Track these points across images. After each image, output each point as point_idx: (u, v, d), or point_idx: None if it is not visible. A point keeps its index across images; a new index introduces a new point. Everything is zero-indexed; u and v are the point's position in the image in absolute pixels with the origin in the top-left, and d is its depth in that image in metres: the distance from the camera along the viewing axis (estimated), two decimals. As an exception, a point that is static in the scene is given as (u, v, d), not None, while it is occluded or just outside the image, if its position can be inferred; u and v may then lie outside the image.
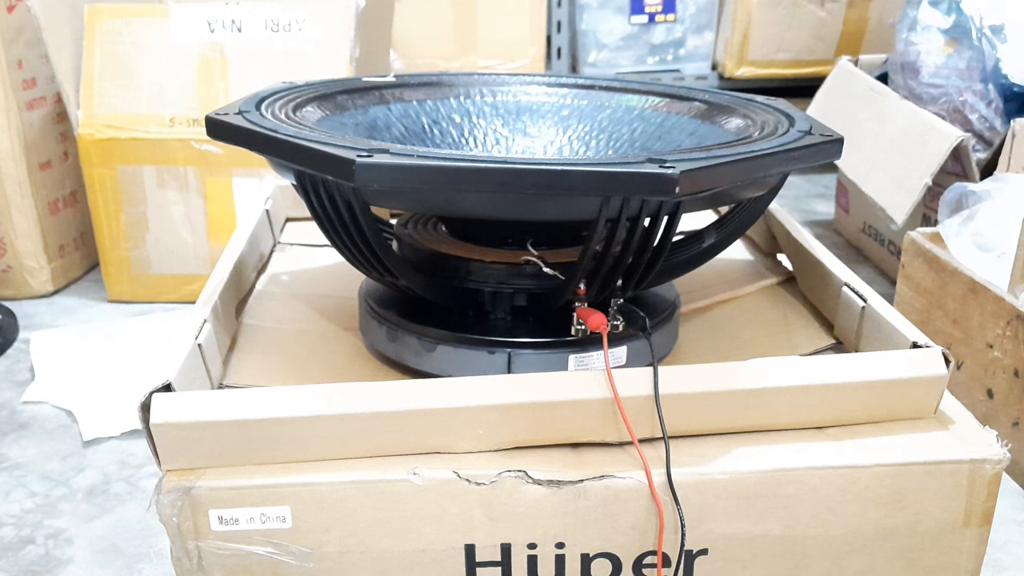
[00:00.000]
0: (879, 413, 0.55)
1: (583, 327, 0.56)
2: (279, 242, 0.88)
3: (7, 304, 1.33)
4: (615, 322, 0.56)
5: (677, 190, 0.47)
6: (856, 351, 0.64)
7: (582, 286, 0.56)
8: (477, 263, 0.61)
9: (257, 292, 0.76)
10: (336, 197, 0.53)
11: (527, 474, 0.51)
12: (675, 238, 0.57)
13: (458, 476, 0.50)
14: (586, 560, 0.52)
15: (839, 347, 0.67)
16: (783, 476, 0.51)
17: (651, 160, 0.49)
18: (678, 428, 0.53)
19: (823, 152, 0.56)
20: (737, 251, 0.85)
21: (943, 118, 1.28)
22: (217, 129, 0.58)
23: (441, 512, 0.51)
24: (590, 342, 0.58)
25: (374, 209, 0.58)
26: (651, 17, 2.08)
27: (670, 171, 0.47)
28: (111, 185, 1.30)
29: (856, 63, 1.53)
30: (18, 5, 1.30)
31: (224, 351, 0.64)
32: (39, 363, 1.17)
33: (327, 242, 0.61)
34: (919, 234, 1.08)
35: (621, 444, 0.53)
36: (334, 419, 0.51)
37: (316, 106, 0.67)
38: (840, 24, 2.02)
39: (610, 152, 0.73)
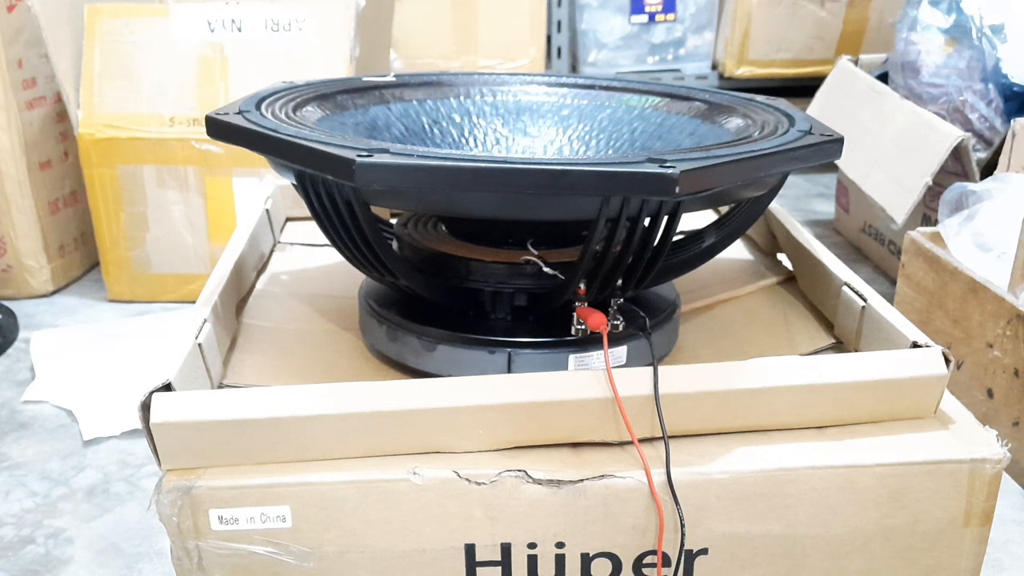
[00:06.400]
0: (879, 413, 0.55)
1: (583, 327, 0.56)
2: (279, 242, 0.88)
3: (7, 304, 1.33)
4: (615, 322, 0.56)
5: (677, 190, 0.47)
6: (856, 351, 0.64)
7: (582, 286, 0.56)
8: (477, 263, 0.61)
9: (257, 292, 0.76)
10: (336, 197, 0.53)
11: (527, 474, 0.51)
12: (675, 238, 0.57)
13: (458, 476, 0.50)
14: (586, 560, 0.52)
15: (839, 347, 0.66)
16: (783, 476, 0.51)
17: (651, 160, 0.49)
18: (678, 428, 0.53)
19: (823, 152, 0.56)
20: (737, 251, 0.85)
21: (943, 118, 1.28)
22: (217, 129, 0.58)
23: (441, 512, 0.51)
24: (590, 342, 0.58)
25: (374, 209, 0.58)
26: (651, 17, 2.08)
27: (670, 171, 0.47)
28: (111, 185, 1.30)
29: (856, 63, 1.53)
30: (18, 5, 1.30)
31: (224, 351, 0.64)
32: (39, 363, 1.17)
33: (327, 242, 0.61)
34: (919, 234, 1.08)
35: (621, 444, 0.53)
36: (334, 419, 0.51)
37: (316, 106, 0.67)
38: (840, 24, 2.02)
39: (610, 152, 0.73)
